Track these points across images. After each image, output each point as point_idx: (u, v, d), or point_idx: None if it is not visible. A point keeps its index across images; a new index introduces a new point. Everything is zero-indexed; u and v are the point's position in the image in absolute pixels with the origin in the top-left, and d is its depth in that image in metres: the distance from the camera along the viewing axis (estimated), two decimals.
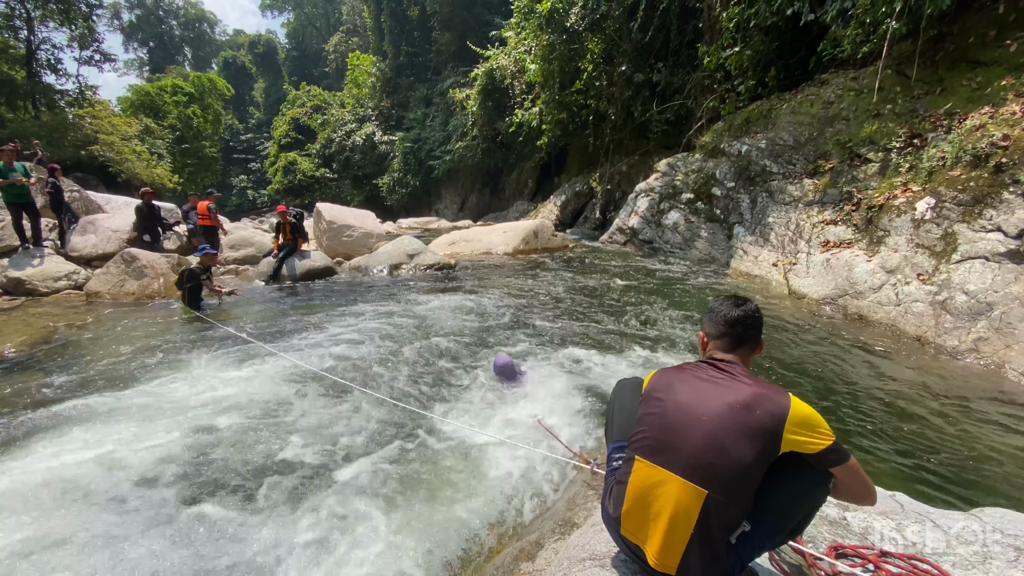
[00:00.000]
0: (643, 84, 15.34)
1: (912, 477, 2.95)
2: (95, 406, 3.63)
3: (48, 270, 7.61)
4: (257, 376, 4.29)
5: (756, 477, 1.34)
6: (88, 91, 28.54)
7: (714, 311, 1.65)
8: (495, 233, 12.52)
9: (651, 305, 6.56)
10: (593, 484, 2.69)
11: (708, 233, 9.85)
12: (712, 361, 1.57)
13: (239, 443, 3.19)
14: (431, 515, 2.60)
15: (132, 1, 56.54)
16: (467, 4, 28.85)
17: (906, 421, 3.62)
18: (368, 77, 35.74)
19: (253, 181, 52.90)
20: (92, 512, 2.54)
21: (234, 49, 62.91)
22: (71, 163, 22.47)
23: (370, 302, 6.96)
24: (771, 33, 10.54)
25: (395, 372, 4.42)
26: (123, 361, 4.64)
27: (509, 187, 26.32)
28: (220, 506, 2.63)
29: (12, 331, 5.55)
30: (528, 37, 18.70)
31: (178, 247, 10.42)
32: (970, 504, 2.50)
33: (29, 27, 25.30)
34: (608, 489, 1.58)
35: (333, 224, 11.19)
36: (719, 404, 1.40)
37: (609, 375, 4.32)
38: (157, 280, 7.41)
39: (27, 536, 2.37)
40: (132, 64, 57.84)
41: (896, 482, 2.83)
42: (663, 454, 1.41)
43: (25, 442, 3.20)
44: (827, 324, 5.87)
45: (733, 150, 9.93)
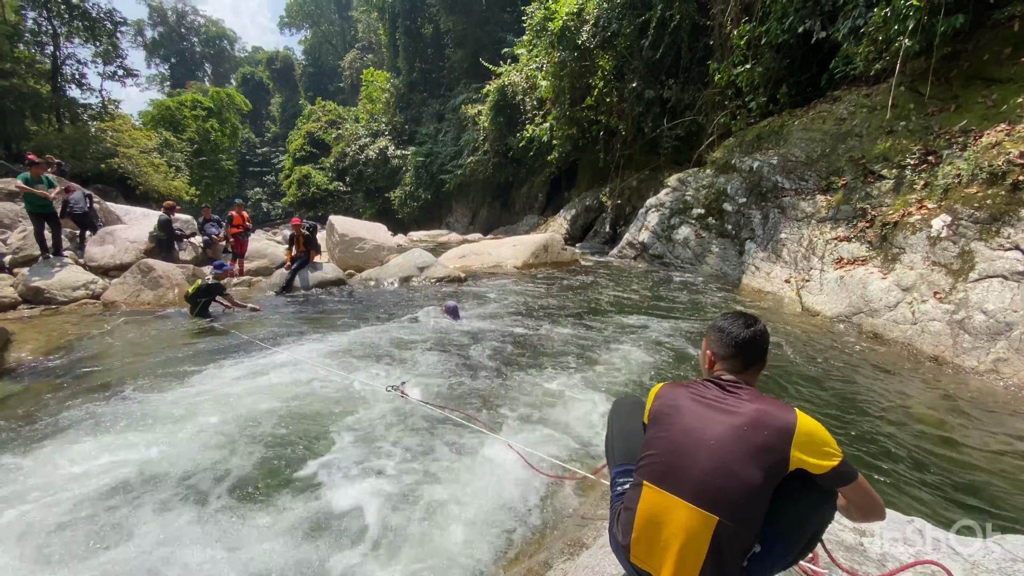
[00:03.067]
0: (654, 100, 15.44)
1: (930, 502, 2.87)
2: (116, 409, 3.68)
3: (67, 279, 7.76)
4: (270, 380, 4.39)
5: (766, 498, 1.31)
6: (111, 105, 29.36)
7: (723, 331, 1.60)
8: (505, 247, 12.56)
9: (661, 320, 6.51)
10: (602, 504, 2.65)
11: (719, 248, 9.80)
12: (718, 381, 1.54)
13: (256, 444, 3.21)
14: (437, 530, 2.57)
15: (155, 19, 58.33)
16: (480, 22, 29.38)
17: (924, 443, 3.54)
18: (382, 93, 36.38)
19: (268, 193, 53.77)
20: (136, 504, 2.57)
21: (252, 65, 64.50)
22: (92, 175, 23.06)
23: (379, 313, 7.01)
24: (782, 50, 10.59)
25: (407, 375, 4.47)
26: (139, 367, 4.72)
27: (519, 201, 26.47)
28: (233, 499, 2.71)
29: (30, 338, 5.65)
30: (540, 54, 18.96)
31: (193, 258, 10.58)
32: (990, 530, 2.43)
33: (55, 43, 26.20)
34: (615, 515, 1.55)
35: (345, 237, 11.31)
36: (725, 426, 1.38)
37: (618, 387, 4.28)
38: (172, 290, 7.52)
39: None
40: (154, 79, 59.47)
41: (914, 507, 2.76)
42: (671, 479, 1.38)
43: (52, 441, 3.24)
44: (841, 342, 5.78)
45: (744, 166, 9.93)
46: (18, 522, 2.53)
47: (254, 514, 2.64)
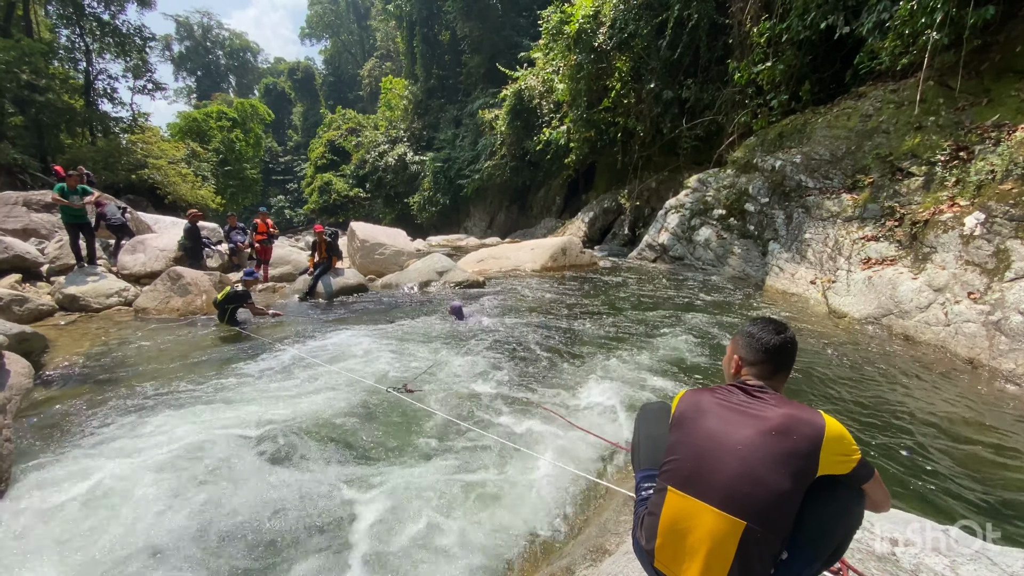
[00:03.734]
0: (672, 101, 15.30)
1: (966, 510, 2.77)
2: (152, 407, 3.81)
3: (100, 287, 8.04)
4: (292, 381, 4.53)
5: (795, 504, 1.30)
6: (140, 118, 30.36)
7: (752, 336, 1.58)
8: (523, 250, 12.57)
9: (682, 323, 6.44)
10: (625, 511, 2.63)
11: (741, 250, 9.64)
12: (744, 386, 1.53)
13: (285, 439, 3.29)
14: (460, 532, 2.59)
15: (182, 33, 60.15)
16: (496, 27, 29.55)
17: (959, 449, 3.42)
18: (400, 100, 36.86)
19: (290, 201, 54.87)
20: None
21: (275, 76, 66.00)
22: (123, 186, 23.87)
23: (399, 316, 7.10)
24: (804, 47, 10.40)
25: (430, 379, 4.55)
26: (171, 370, 4.89)
27: (537, 205, 26.47)
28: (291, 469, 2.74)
29: (68, 345, 5.88)
30: (556, 57, 18.97)
31: (220, 265, 10.85)
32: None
33: (88, 59, 27.22)
34: (639, 520, 1.54)
35: (366, 242, 11.47)
36: (752, 431, 1.36)
37: (640, 391, 4.25)
38: (200, 297, 7.73)
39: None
40: (181, 92, 61.28)
41: (948, 516, 2.67)
42: (696, 484, 1.37)
43: (97, 439, 3.37)
44: (870, 344, 5.63)
45: (766, 165, 9.76)
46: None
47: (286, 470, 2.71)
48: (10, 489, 2.87)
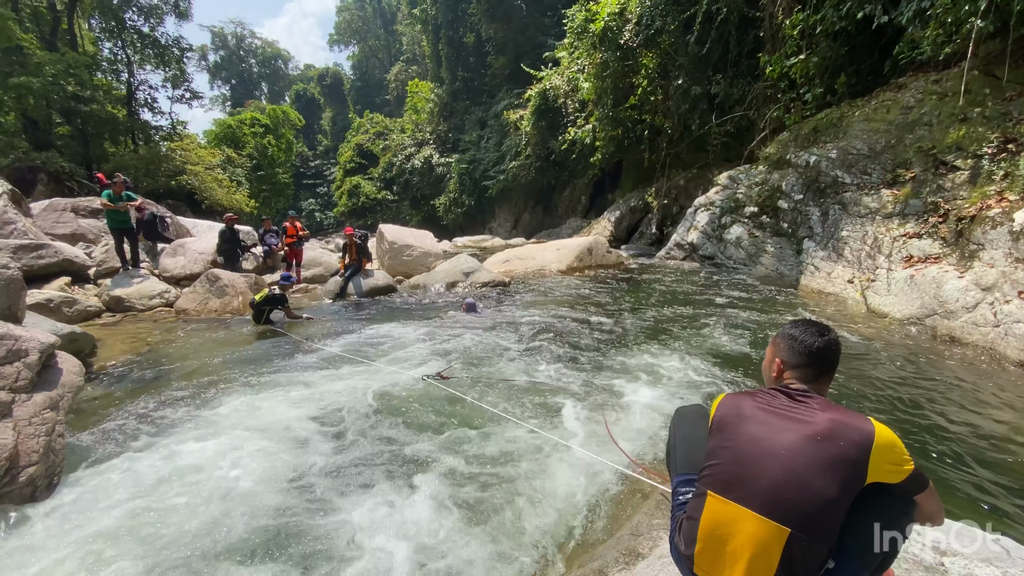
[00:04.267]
0: (701, 97, 15.03)
1: (1019, 518, 2.64)
2: (197, 404, 3.97)
3: (144, 289, 8.41)
4: (330, 376, 4.73)
5: (841, 512, 1.26)
6: (179, 126, 31.57)
7: (794, 339, 1.55)
8: (549, 250, 12.54)
9: (714, 324, 6.31)
10: (658, 514, 2.60)
11: (775, 248, 9.39)
12: (787, 390, 1.49)
13: (325, 432, 3.38)
14: (489, 529, 2.60)
15: (217, 43, 62.30)
16: (521, 28, 29.58)
17: (1010, 456, 3.25)
18: (426, 103, 37.29)
19: (320, 204, 56.14)
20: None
21: (305, 82, 67.65)
22: (163, 191, 24.82)
23: (428, 316, 7.20)
24: (840, 38, 10.06)
25: (464, 373, 4.65)
26: (213, 368, 5.11)
27: (562, 204, 26.37)
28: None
29: (114, 344, 6.17)
30: (581, 56, 18.87)
31: (255, 267, 11.19)
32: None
33: (130, 70, 28.45)
34: (677, 525, 1.52)
35: (394, 244, 11.64)
36: (796, 436, 1.33)
37: (672, 395, 4.19)
38: (236, 298, 7.99)
39: None
40: (216, 100, 63.44)
41: (1000, 525, 2.54)
42: (738, 489, 1.35)
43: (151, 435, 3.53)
44: (913, 346, 5.41)
45: (800, 161, 9.48)
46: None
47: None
48: (63, 484, 3.02)
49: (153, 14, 28.64)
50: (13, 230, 8.61)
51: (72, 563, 2.38)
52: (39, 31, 23.60)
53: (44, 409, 3.21)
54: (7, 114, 21.20)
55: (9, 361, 3.22)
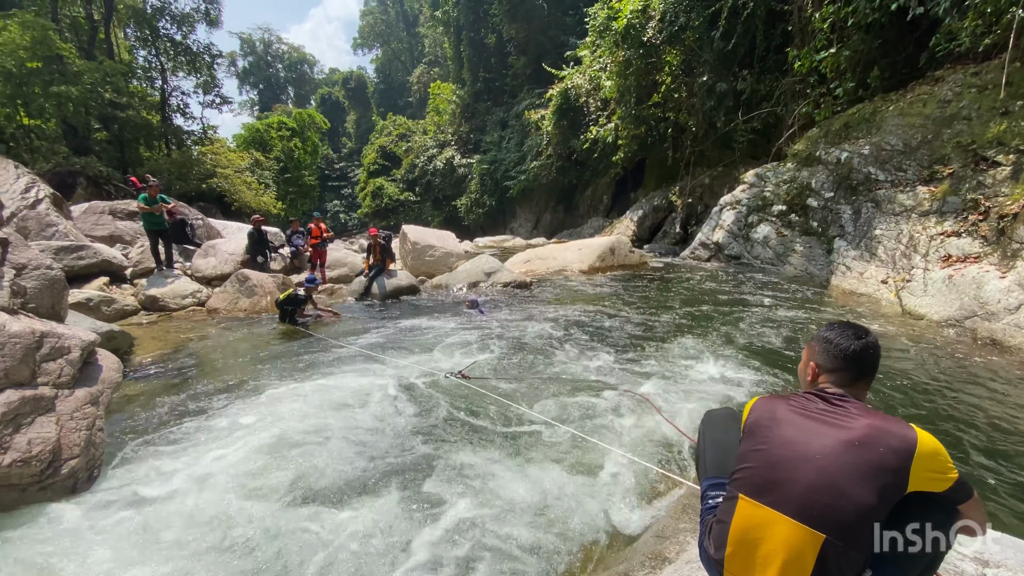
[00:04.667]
0: (726, 93, 14.76)
1: None
2: (233, 399, 4.08)
3: (177, 289, 8.67)
4: (353, 373, 4.80)
5: (879, 520, 1.22)
6: (209, 131, 32.49)
7: (830, 342, 1.50)
8: (570, 250, 12.48)
9: (743, 324, 6.19)
10: (684, 517, 2.56)
11: (804, 247, 9.16)
12: (823, 394, 1.44)
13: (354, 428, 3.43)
14: (513, 529, 2.59)
15: (246, 49, 63.88)
16: (542, 27, 29.53)
17: None
18: (448, 104, 37.56)
19: (345, 205, 57.09)
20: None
21: (329, 86, 68.87)
22: (195, 194, 25.58)
23: (450, 315, 7.24)
24: (872, 30, 9.75)
25: (490, 370, 4.62)
26: (243, 365, 5.24)
27: (583, 204, 26.23)
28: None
29: (150, 342, 6.38)
30: (603, 54, 18.75)
31: (283, 267, 11.43)
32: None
33: (163, 77, 29.42)
34: (707, 528, 1.50)
35: (417, 245, 11.75)
36: (832, 440, 1.29)
37: (699, 397, 4.12)
38: (265, 298, 8.18)
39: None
40: (245, 104, 65.03)
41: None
42: (771, 493, 1.32)
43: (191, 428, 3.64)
44: (952, 350, 5.20)
45: (831, 157, 9.23)
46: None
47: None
48: (102, 478, 3.13)
49: (185, 22, 29.59)
50: (55, 232, 8.99)
51: (112, 552, 2.47)
52: (78, 41, 24.59)
53: (85, 404, 3.34)
54: (48, 121, 22.14)
55: (52, 358, 3.36)
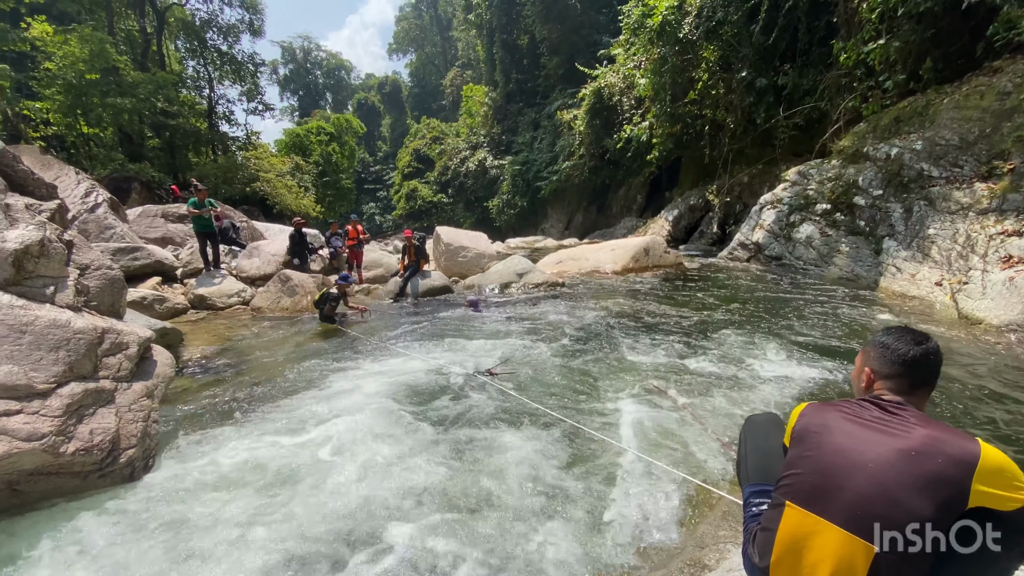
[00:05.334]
0: (766, 89, 14.30)
1: None
2: (282, 391, 4.25)
3: (224, 288, 9.06)
4: (387, 370, 5.06)
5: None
6: (253, 136, 33.80)
7: (886, 347, 1.44)
8: (603, 251, 12.36)
9: (785, 328, 5.98)
10: (724, 525, 2.50)
11: (850, 248, 8.77)
12: (878, 401, 1.38)
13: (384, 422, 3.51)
14: (545, 535, 2.57)
15: (286, 57, 66.14)
16: (575, 27, 29.38)
17: None
18: (480, 106, 37.86)
19: (380, 208, 58.35)
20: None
21: (366, 91, 70.53)
22: (239, 197, 26.64)
23: (482, 315, 7.31)
24: (924, 20, 9.25)
25: (522, 374, 4.67)
26: (286, 361, 5.46)
27: (616, 204, 25.92)
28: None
29: (199, 338, 6.69)
30: (638, 52, 18.49)
31: (322, 268, 11.77)
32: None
33: (210, 86, 30.82)
34: (750, 536, 1.45)
35: (450, 246, 11.89)
36: (887, 449, 1.23)
37: (738, 403, 4.01)
38: (305, 297, 8.44)
39: None
40: (285, 111, 67.31)
41: None
42: (820, 501, 1.26)
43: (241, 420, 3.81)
44: (1014, 357, 4.88)
45: (880, 154, 8.81)
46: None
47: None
48: (156, 467, 3.30)
49: (231, 33, 30.94)
50: (112, 234, 9.54)
51: (169, 536, 2.60)
52: (132, 53, 25.99)
53: (141, 397, 3.53)
54: (106, 129, 23.49)
55: (112, 353, 3.57)
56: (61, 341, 3.21)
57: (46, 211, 4.02)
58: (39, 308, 3.30)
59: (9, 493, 2.81)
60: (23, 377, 2.94)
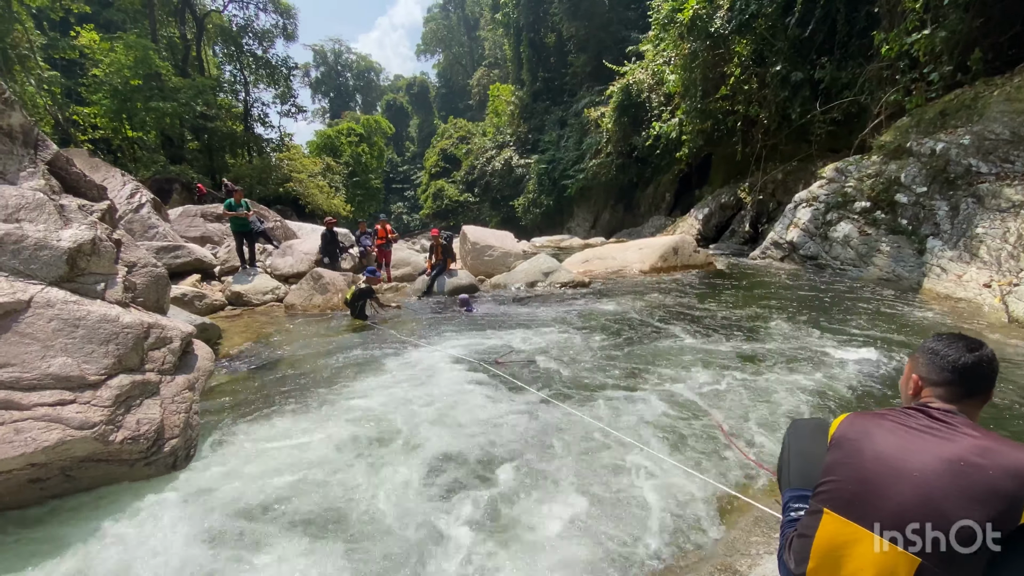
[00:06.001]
0: (802, 83, 13.87)
1: None
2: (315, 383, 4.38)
3: (259, 286, 9.35)
4: (414, 363, 5.23)
5: (985, 550, 1.10)
6: (286, 138, 34.76)
7: (937, 353, 1.38)
8: (630, 250, 12.22)
9: (822, 332, 5.80)
10: (756, 531, 2.44)
11: (890, 247, 8.44)
12: (926, 409, 1.32)
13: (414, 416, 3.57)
14: (572, 538, 2.55)
15: (318, 60, 67.68)
16: (603, 24, 29.12)
17: None
18: (507, 105, 37.90)
19: (407, 207, 59.18)
20: None
21: (394, 92, 71.59)
22: (273, 197, 27.44)
23: (508, 313, 7.33)
24: (972, 8, 8.81)
25: (552, 374, 4.70)
26: (318, 356, 5.62)
27: (644, 202, 25.57)
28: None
29: (236, 334, 6.93)
30: (667, 48, 18.21)
31: (352, 266, 12.01)
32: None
33: (246, 90, 31.87)
34: (787, 542, 1.42)
35: (476, 245, 11.95)
36: (933, 458, 1.18)
37: (771, 412, 3.91)
38: (337, 295, 8.63)
39: None
40: (317, 113, 68.92)
41: None
42: (859, 509, 1.22)
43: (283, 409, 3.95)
44: None
45: (924, 149, 8.45)
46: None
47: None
48: (197, 457, 3.44)
49: (265, 38, 31.91)
50: (155, 233, 9.94)
51: (211, 522, 2.70)
52: (173, 59, 27.08)
53: (184, 389, 3.67)
54: (149, 133, 24.56)
55: (157, 347, 3.72)
56: (111, 335, 3.37)
57: (97, 211, 4.22)
58: (91, 304, 3.47)
59: (63, 478, 2.97)
60: (76, 369, 3.10)
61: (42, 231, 3.49)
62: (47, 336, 3.13)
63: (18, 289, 3.18)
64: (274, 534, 2.60)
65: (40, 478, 2.87)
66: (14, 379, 2.89)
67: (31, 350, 3.03)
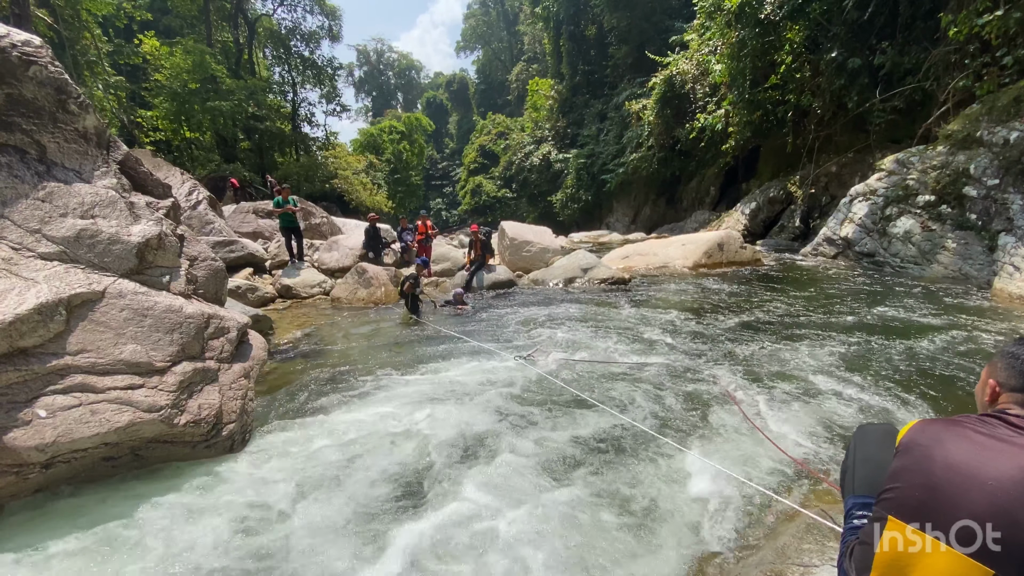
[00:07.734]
0: (860, 70, 13.10)
1: None
2: (359, 374, 4.54)
3: (306, 279, 9.72)
4: (456, 355, 5.35)
5: None
6: (332, 137, 35.84)
7: (1016, 358, 1.29)
8: (672, 246, 11.94)
9: (880, 335, 5.49)
10: (808, 538, 2.35)
11: (958, 244, 7.91)
12: (1003, 416, 1.24)
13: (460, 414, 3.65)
14: (613, 543, 2.52)
15: (361, 60, 69.34)
16: (646, 14, 28.44)
17: None
18: (546, 100, 37.68)
19: (447, 203, 59.92)
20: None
21: (434, 89, 72.48)
22: (319, 194, 28.38)
23: (545, 308, 7.34)
24: None
25: (597, 376, 4.65)
26: (365, 347, 5.82)
27: (687, 197, 24.89)
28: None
29: (287, 325, 7.24)
30: (713, 36, 17.62)
31: (394, 261, 12.30)
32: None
33: (294, 91, 33.02)
34: (847, 549, 1.36)
35: (515, 240, 11.98)
36: (1011, 466, 1.10)
37: (824, 420, 3.75)
38: (380, 289, 8.87)
39: None
40: (360, 111, 70.65)
41: None
42: (927, 518, 1.15)
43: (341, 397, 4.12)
44: None
45: (996, 138, 7.85)
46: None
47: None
48: (252, 440, 3.62)
49: (312, 39, 32.96)
50: (212, 229, 10.47)
51: (270, 499, 2.88)
52: (227, 62, 28.34)
53: (240, 377, 3.87)
54: (205, 133, 25.83)
55: (216, 336, 3.93)
56: (175, 324, 3.59)
57: (163, 208, 4.49)
58: (157, 295, 3.70)
59: (132, 457, 3.19)
60: (144, 355, 3.32)
61: (114, 227, 3.74)
62: (119, 324, 3.36)
63: (94, 280, 3.42)
64: (321, 514, 2.73)
65: (112, 456, 3.10)
66: (90, 364, 3.12)
67: (105, 337, 3.26)
